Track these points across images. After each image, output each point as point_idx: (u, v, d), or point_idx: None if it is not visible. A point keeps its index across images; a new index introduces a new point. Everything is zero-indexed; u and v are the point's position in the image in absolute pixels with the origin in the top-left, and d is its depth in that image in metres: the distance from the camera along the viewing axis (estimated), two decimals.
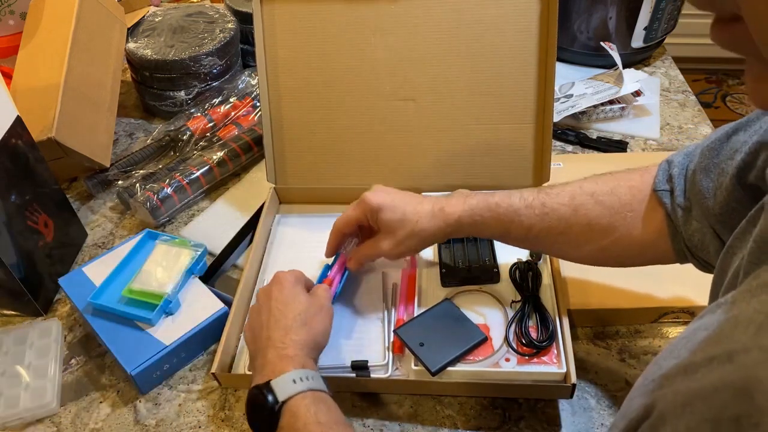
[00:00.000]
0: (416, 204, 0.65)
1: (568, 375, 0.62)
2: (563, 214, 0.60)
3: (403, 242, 0.65)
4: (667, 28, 1.12)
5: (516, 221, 0.61)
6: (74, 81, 0.92)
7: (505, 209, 0.62)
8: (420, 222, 0.64)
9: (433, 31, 0.80)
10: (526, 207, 0.61)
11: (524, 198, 0.62)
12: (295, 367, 0.55)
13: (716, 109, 2.52)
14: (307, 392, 0.53)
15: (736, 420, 0.26)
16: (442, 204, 0.64)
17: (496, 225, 0.63)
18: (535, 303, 0.68)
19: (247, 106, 1.05)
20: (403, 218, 0.64)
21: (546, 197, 0.61)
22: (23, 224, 0.75)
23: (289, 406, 0.52)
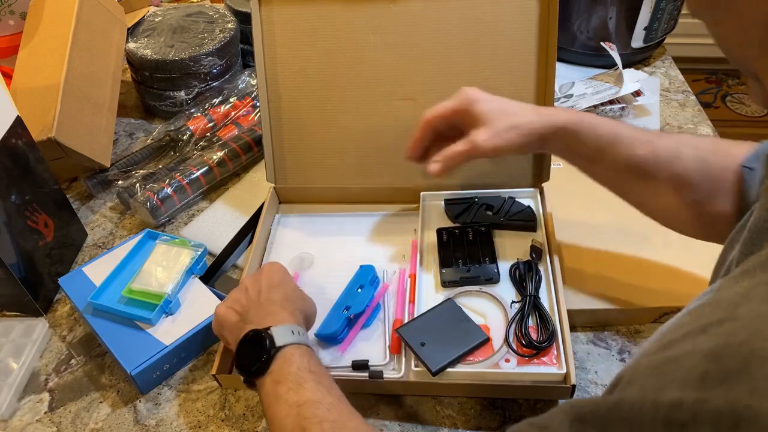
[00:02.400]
0: (517, 102, 0.64)
1: (568, 376, 0.62)
2: (664, 156, 0.59)
3: (502, 134, 0.61)
4: (667, 28, 1.12)
5: (616, 147, 0.60)
6: (74, 81, 0.92)
7: (608, 131, 0.60)
8: (522, 115, 0.62)
9: (433, 30, 0.80)
10: (632, 138, 0.60)
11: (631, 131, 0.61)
12: (291, 321, 0.57)
13: (716, 109, 2.52)
14: (302, 345, 0.55)
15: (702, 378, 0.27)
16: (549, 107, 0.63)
17: (595, 144, 0.61)
18: (535, 303, 0.68)
19: (247, 106, 1.05)
20: (505, 110, 0.62)
21: (652, 136, 0.60)
22: (23, 224, 0.75)
23: (283, 352, 0.54)
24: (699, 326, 0.31)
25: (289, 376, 0.52)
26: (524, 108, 0.63)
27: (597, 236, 0.78)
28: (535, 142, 0.62)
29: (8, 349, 0.73)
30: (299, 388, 0.51)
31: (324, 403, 0.50)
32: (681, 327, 0.33)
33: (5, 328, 0.75)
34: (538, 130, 0.62)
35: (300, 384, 0.52)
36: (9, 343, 0.73)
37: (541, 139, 0.62)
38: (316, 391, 0.51)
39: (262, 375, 0.54)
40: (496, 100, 0.64)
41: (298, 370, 0.53)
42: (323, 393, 0.51)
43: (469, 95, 0.64)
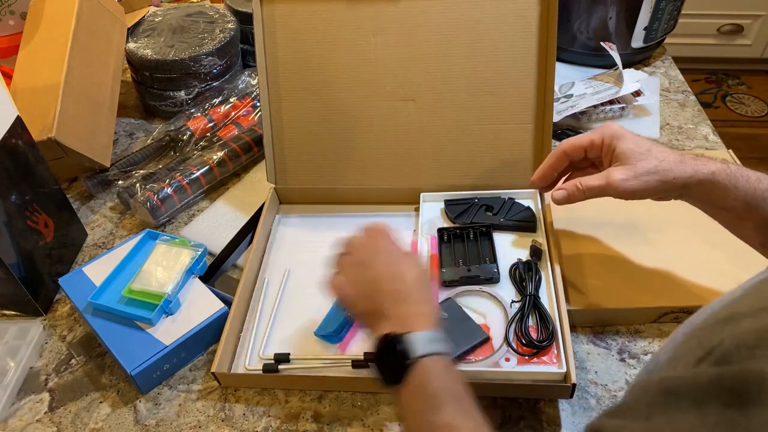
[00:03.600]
0: (661, 146, 0.60)
1: (568, 375, 0.62)
2: None
3: (641, 177, 0.58)
4: (667, 28, 1.12)
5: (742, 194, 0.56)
6: (74, 81, 0.92)
7: (765, 187, 0.56)
8: (666, 161, 0.58)
9: (433, 31, 0.80)
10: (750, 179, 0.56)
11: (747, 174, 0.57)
12: (431, 328, 0.52)
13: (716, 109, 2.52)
14: (441, 355, 0.51)
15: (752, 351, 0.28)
16: (696, 155, 0.59)
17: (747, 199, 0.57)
18: (535, 303, 0.68)
19: (247, 106, 1.05)
20: (649, 152, 0.59)
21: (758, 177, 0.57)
22: (23, 224, 0.75)
23: (422, 364, 0.50)
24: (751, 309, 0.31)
25: (427, 394, 0.49)
26: (668, 154, 0.59)
27: (597, 236, 0.78)
28: (675, 190, 0.59)
29: (2, 351, 0.72)
30: (437, 410, 0.48)
31: (462, 429, 0.47)
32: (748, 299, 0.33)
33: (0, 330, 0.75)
34: (683, 180, 0.58)
35: (438, 405, 0.48)
36: (3, 345, 0.73)
37: (683, 187, 0.59)
38: (455, 415, 0.48)
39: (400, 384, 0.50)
40: (642, 140, 0.60)
41: (437, 389, 0.49)
42: (461, 418, 0.48)
43: (613, 130, 0.61)
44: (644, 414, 0.33)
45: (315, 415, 0.66)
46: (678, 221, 0.78)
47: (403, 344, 0.50)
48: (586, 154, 0.64)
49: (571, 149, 0.64)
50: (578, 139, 0.63)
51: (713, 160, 0.59)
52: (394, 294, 0.55)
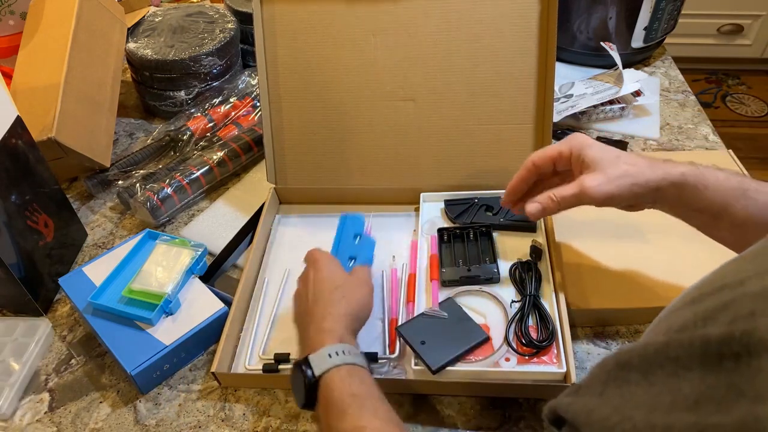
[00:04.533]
0: (633, 154, 0.60)
1: (569, 375, 0.62)
2: None
3: (614, 181, 0.57)
4: (667, 28, 1.12)
5: (741, 202, 0.55)
6: (74, 81, 0.92)
7: (734, 185, 0.56)
8: (637, 166, 0.58)
9: (433, 31, 0.80)
10: (755, 191, 0.55)
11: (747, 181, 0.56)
12: (332, 342, 0.56)
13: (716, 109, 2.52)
14: (342, 366, 0.54)
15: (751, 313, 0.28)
16: (665, 159, 0.58)
17: (719, 199, 0.56)
18: (535, 303, 0.68)
19: (247, 106, 1.05)
20: (618, 158, 0.58)
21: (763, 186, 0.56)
22: (23, 224, 0.75)
23: (324, 380, 0.53)
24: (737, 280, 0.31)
25: (333, 402, 0.52)
26: (637, 159, 0.59)
27: (597, 236, 0.78)
28: (649, 194, 0.59)
29: (10, 348, 0.73)
30: (343, 415, 0.50)
31: (370, 428, 0.49)
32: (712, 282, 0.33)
33: (8, 327, 0.75)
34: (655, 183, 0.58)
35: (343, 411, 0.51)
36: (12, 342, 0.73)
37: (656, 191, 0.58)
38: (360, 416, 0.50)
39: (314, 407, 0.54)
40: (610, 148, 0.60)
41: (340, 395, 0.52)
42: (368, 418, 0.50)
43: (580, 140, 0.61)
44: (598, 390, 0.33)
45: (315, 415, 0.66)
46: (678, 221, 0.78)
47: (304, 369, 0.54)
48: (554, 166, 0.64)
49: (541, 161, 0.63)
50: (547, 151, 0.62)
51: (682, 163, 0.59)
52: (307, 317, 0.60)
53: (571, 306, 0.70)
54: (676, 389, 0.29)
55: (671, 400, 0.29)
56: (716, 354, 0.28)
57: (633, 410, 0.30)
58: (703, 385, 0.28)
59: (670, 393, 0.29)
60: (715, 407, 0.27)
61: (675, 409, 0.28)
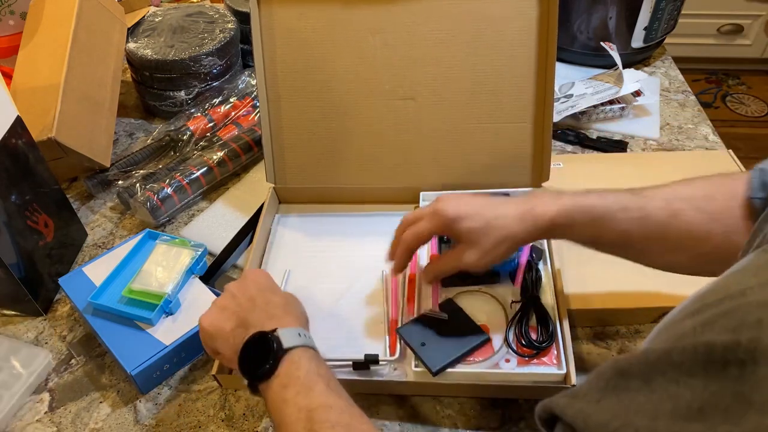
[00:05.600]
0: (498, 207, 0.60)
1: (569, 376, 0.62)
2: (661, 219, 0.57)
3: (491, 251, 0.60)
4: (667, 28, 1.12)
5: (611, 226, 0.58)
6: (74, 81, 0.92)
7: (600, 212, 0.58)
8: (507, 228, 0.59)
9: (433, 31, 0.80)
10: (622, 210, 0.57)
11: (620, 201, 0.58)
12: (295, 324, 0.57)
13: (716, 109, 2.52)
14: (309, 348, 0.55)
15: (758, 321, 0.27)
16: (531, 204, 0.59)
17: (588, 229, 0.59)
18: (535, 303, 0.68)
19: (247, 106, 1.05)
20: (486, 225, 0.59)
21: (642, 200, 0.58)
22: (23, 224, 0.75)
23: (291, 355, 0.53)
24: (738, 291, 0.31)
25: (298, 379, 0.52)
26: (507, 215, 0.59)
27: None
28: (528, 242, 0.62)
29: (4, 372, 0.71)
30: (309, 392, 0.51)
31: (335, 408, 0.50)
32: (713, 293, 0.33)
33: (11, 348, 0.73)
34: (525, 237, 0.60)
35: (310, 388, 0.51)
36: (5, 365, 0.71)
37: (533, 238, 0.61)
38: (327, 395, 0.51)
39: (269, 379, 0.53)
40: (478, 214, 0.60)
41: (307, 373, 0.52)
42: (334, 397, 0.51)
43: (448, 215, 0.60)
44: (596, 398, 0.33)
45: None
46: None
47: (272, 339, 0.54)
48: None
49: (417, 243, 0.64)
50: (419, 232, 0.63)
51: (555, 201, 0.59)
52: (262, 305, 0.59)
53: (571, 306, 0.70)
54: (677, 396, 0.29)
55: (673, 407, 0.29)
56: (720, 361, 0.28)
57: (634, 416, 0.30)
58: (706, 393, 0.28)
59: (671, 400, 0.29)
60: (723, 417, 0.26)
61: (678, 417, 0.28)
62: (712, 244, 0.57)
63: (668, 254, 0.59)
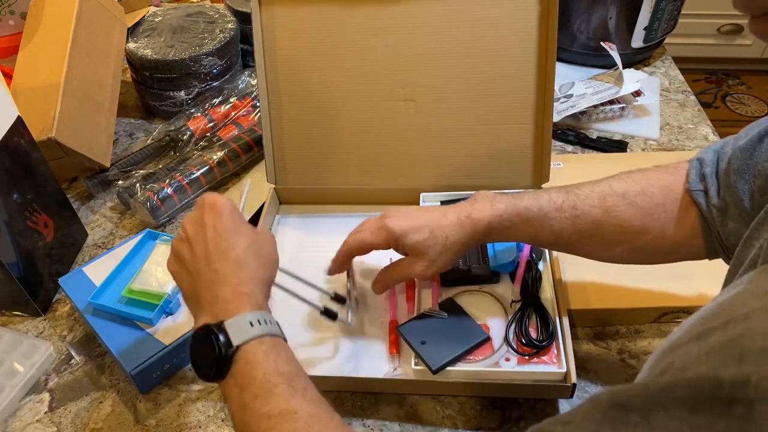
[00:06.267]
0: (440, 218, 0.62)
1: (569, 375, 0.62)
2: (594, 216, 0.59)
3: (437, 260, 0.62)
4: (667, 28, 1.12)
5: (546, 225, 0.60)
6: (74, 81, 0.92)
7: (534, 213, 0.60)
8: (449, 236, 0.61)
9: (433, 31, 0.80)
10: (556, 210, 0.59)
11: (553, 201, 0.60)
12: (252, 308, 0.49)
13: (716, 109, 2.52)
14: (265, 337, 0.48)
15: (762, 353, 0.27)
16: (468, 211, 0.61)
17: (525, 229, 0.61)
18: (535, 303, 0.68)
19: (247, 106, 1.05)
20: (431, 236, 0.61)
21: (576, 199, 0.59)
22: (23, 224, 0.75)
23: (244, 352, 0.47)
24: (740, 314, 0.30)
25: (255, 381, 0.46)
26: (449, 224, 0.61)
27: None
28: (471, 246, 0.63)
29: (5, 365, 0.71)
30: (269, 396, 0.45)
31: (301, 414, 0.44)
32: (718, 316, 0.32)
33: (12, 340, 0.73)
34: (467, 242, 0.62)
35: (269, 391, 0.45)
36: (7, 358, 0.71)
37: (475, 242, 0.62)
38: (290, 398, 0.45)
39: (222, 378, 0.48)
40: (422, 227, 0.61)
41: (265, 374, 0.46)
42: (298, 400, 0.45)
43: (395, 232, 0.61)
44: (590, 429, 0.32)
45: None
46: None
47: (219, 334, 0.47)
48: None
49: (359, 251, 0.65)
50: (362, 241, 0.64)
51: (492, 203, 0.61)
52: (212, 275, 0.51)
53: (571, 306, 0.70)
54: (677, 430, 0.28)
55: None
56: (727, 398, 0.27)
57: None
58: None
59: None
60: None
61: None
62: (646, 238, 0.58)
63: (604, 249, 0.61)
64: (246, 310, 0.49)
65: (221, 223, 0.53)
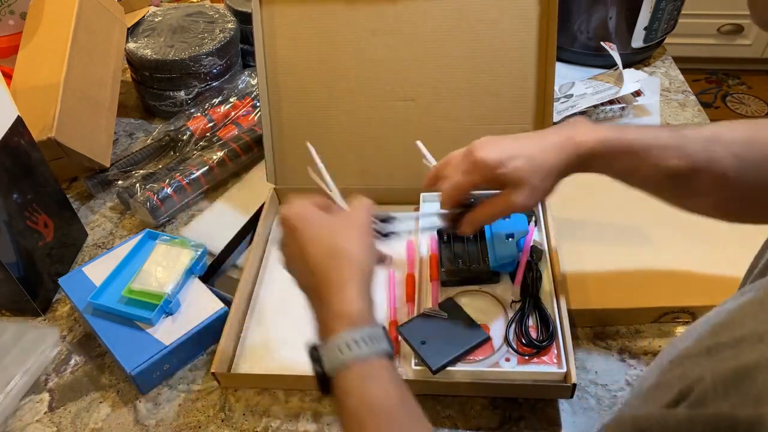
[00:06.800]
0: (538, 141, 0.57)
1: (569, 375, 0.62)
2: (698, 162, 0.55)
3: (538, 187, 0.57)
4: (667, 28, 1.12)
5: (651, 162, 0.56)
6: (74, 81, 0.92)
7: (640, 146, 0.56)
8: (549, 159, 0.56)
9: (433, 31, 0.80)
10: (661, 147, 0.56)
11: (659, 138, 0.56)
12: (341, 328, 0.47)
13: (716, 109, 2.52)
14: (353, 366, 0.46)
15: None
16: (569, 133, 0.57)
17: (627, 162, 0.57)
18: (535, 303, 0.68)
19: (247, 106, 1.05)
20: (532, 163, 0.56)
21: (683, 140, 0.56)
22: (23, 224, 0.75)
23: (338, 380, 0.46)
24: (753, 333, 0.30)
25: (348, 410, 0.45)
26: (548, 147, 0.57)
27: (597, 236, 0.78)
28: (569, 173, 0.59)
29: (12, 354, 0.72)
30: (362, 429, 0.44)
31: None
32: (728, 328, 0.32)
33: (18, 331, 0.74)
34: (567, 168, 0.58)
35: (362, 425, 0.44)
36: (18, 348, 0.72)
37: (573, 168, 0.58)
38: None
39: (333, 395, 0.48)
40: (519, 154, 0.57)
41: (356, 406, 0.45)
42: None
43: (489, 163, 0.56)
44: None
45: (315, 415, 0.66)
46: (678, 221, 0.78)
47: (318, 360, 0.47)
48: None
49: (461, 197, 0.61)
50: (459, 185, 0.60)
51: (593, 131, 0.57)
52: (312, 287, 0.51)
53: (571, 306, 0.70)
54: None
55: None
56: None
57: None
58: None
59: None
60: None
61: None
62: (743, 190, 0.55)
63: (698, 197, 0.58)
64: (339, 331, 0.47)
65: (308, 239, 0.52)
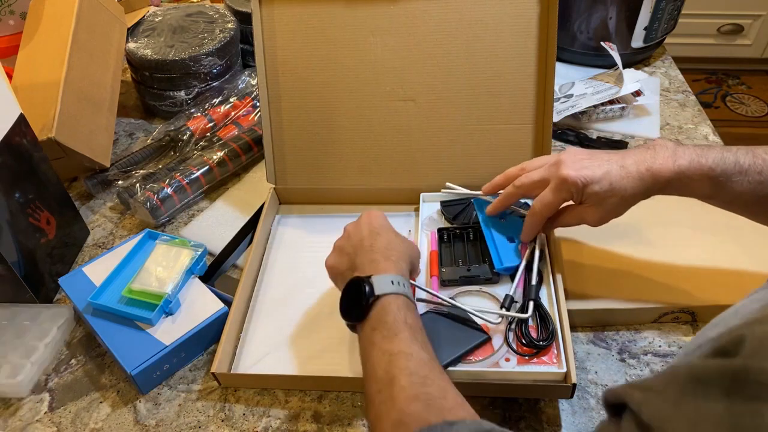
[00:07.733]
0: (619, 169, 0.61)
1: (569, 375, 0.62)
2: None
3: (611, 212, 0.63)
4: (667, 28, 1.13)
5: (727, 188, 0.59)
6: (74, 81, 0.92)
7: (717, 174, 0.59)
8: (628, 188, 0.61)
9: (433, 31, 0.80)
10: (740, 173, 0.59)
11: (739, 164, 0.59)
12: (395, 272, 0.58)
13: (716, 109, 2.52)
14: (401, 295, 0.56)
15: None
16: (649, 163, 0.60)
17: (704, 189, 0.60)
18: (535, 303, 0.68)
19: (247, 106, 1.05)
20: (612, 188, 0.61)
21: (763, 164, 0.59)
22: (25, 222, 0.75)
23: (382, 301, 0.55)
24: None
25: (386, 324, 0.54)
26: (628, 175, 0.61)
27: (597, 236, 0.78)
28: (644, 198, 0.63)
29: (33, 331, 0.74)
30: (394, 338, 0.52)
31: (416, 357, 0.51)
32: None
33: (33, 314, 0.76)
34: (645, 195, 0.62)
35: (395, 333, 0.53)
36: (37, 325, 0.75)
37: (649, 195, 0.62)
38: (411, 343, 0.52)
39: (362, 321, 0.56)
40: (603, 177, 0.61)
41: (395, 320, 0.54)
42: (416, 348, 0.52)
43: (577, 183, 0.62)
44: (672, 398, 0.34)
45: (315, 415, 0.66)
46: (678, 221, 0.78)
47: (366, 284, 0.56)
48: None
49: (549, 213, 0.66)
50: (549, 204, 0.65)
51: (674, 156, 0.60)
52: (368, 249, 0.61)
53: (571, 306, 0.70)
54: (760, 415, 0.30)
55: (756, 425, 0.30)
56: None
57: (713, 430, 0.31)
58: None
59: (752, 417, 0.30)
60: None
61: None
62: None
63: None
64: (390, 272, 0.58)
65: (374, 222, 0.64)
